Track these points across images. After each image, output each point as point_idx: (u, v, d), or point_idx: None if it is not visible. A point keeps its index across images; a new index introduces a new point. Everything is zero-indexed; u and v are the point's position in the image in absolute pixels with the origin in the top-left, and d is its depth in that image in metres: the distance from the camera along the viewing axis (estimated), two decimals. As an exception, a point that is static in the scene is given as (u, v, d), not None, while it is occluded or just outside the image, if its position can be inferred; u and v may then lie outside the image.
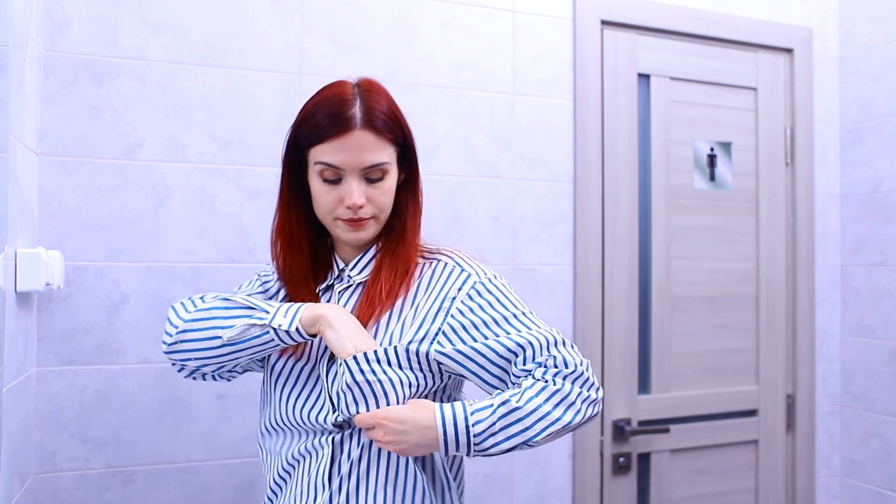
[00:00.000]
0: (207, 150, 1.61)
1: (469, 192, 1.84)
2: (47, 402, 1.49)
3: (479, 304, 1.04)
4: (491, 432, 0.95)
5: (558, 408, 0.97)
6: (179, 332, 1.08)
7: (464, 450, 0.96)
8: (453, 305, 1.04)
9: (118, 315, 1.54)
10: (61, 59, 1.51)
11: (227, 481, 1.61)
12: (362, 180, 1.04)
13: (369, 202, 1.04)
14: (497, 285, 1.07)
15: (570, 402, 0.98)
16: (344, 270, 1.12)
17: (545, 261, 1.91)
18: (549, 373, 0.99)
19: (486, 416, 0.96)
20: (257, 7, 1.66)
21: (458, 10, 1.84)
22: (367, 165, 1.02)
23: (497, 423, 0.96)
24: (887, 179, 2.14)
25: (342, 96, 1.03)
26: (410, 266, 1.08)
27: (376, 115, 1.02)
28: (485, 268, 1.10)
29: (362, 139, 1.01)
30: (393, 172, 1.06)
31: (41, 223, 1.50)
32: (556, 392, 0.98)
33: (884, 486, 2.13)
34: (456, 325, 1.03)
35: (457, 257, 1.11)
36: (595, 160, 1.96)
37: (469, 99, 1.84)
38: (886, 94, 2.15)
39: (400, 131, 1.06)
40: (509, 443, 0.95)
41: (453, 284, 1.06)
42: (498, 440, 0.95)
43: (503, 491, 1.85)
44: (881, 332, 2.15)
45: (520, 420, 0.95)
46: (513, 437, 0.95)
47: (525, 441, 0.95)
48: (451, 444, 0.96)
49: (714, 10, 2.11)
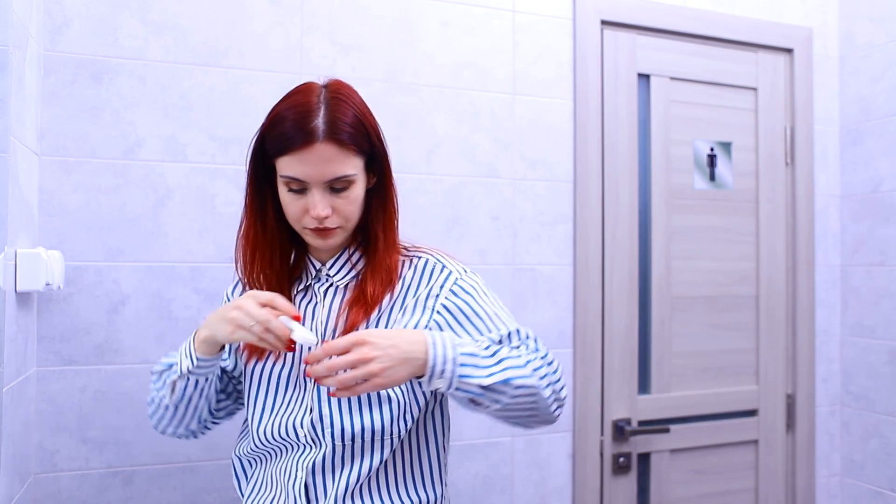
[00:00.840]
0: (207, 149, 1.61)
1: (469, 192, 1.84)
2: (47, 402, 1.49)
3: (464, 300, 1.07)
4: (475, 363, 0.94)
5: (537, 371, 1.00)
6: (150, 416, 1.15)
7: (448, 375, 0.93)
8: (437, 302, 1.07)
9: (118, 315, 1.54)
10: (61, 59, 1.51)
11: (228, 481, 1.61)
12: (327, 191, 1.02)
13: (335, 212, 1.03)
14: (473, 283, 1.10)
15: (547, 374, 1.01)
16: (321, 270, 1.12)
17: (545, 261, 1.91)
18: (533, 353, 1.04)
19: (475, 349, 0.96)
20: (257, 7, 1.66)
21: (458, 10, 1.84)
22: (330, 178, 1.01)
23: (482, 354, 0.96)
24: (887, 179, 2.14)
25: (306, 106, 1.00)
26: (393, 276, 1.09)
27: (340, 126, 0.99)
28: (462, 265, 1.14)
29: (325, 152, 0.99)
30: (360, 182, 1.05)
31: (41, 223, 1.50)
32: (541, 359, 1.02)
33: (884, 486, 2.13)
34: (442, 322, 1.06)
35: (437, 254, 1.13)
36: (595, 160, 1.96)
37: (469, 99, 1.84)
38: (886, 94, 2.15)
39: (366, 140, 1.03)
40: (491, 378, 0.94)
41: (436, 282, 1.09)
42: (481, 372, 0.94)
43: (503, 491, 1.85)
44: (881, 332, 2.15)
45: (503, 360, 0.97)
46: (495, 373, 0.94)
47: (504, 380, 0.94)
48: (439, 363, 0.92)
49: (714, 10, 2.11)
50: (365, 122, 1.03)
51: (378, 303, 1.07)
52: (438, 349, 0.93)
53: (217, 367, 1.07)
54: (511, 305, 1.87)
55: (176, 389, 1.07)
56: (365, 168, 1.06)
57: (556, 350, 1.91)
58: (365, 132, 1.03)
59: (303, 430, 1.05)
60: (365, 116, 1.04)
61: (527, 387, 0.97)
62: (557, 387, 1.03)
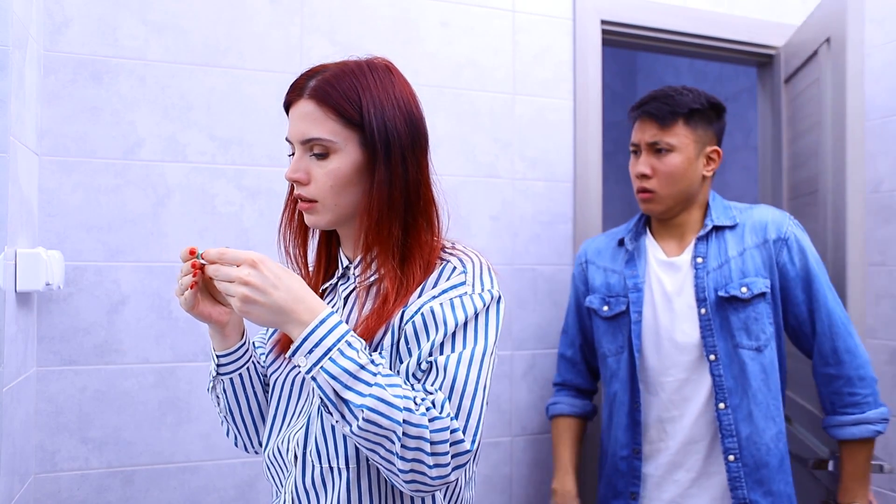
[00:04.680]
0: (207, 150, 1.61)
1: (469, 192, 1.84)
2: (47, 402, 1.49)
3: (450, 312, 0.92)
4: (348, 367, 0.83)
5: (408, 425, 0.83)
6: (227, 435, 1.15)
7: (313, 358, 0.84)
8: (430, 301, 0.93)
9: (118, 315, 1.54)
10: (61, 59, 1.51)
11: (227, 481, 1.61)
12: (306, 155, 0.97)
13: (313, 183, 0.96)
14: (474, 305, 0.93)
15: (420, 437, 0.83)
16: (349, 268, 1.04)
17: (545, 261, 1.91)
18: (435, 414, 0.85)
19: (364, 361, 0.85)
20: (257, 7, 1.66)
21: (458, 10, 1.84)
22: (305, 139, 0.95)
23: (368, 368, 0.84)
24: (887, 179, 2.14)
25: (320, 68, 0.99)
26: (411, 284, 0.96)
27: (326, 86, 0.95)
28: (491, 287, 0.96)
29: (304, 108, 0.95)
30: (343, 154, 0.95)
31: (41, 223, 1.50)
32: (430, 422, 0.84)
33: (884, 486, 2.13)
34: (418, 319, 0.93)
35: (472, 260, 0.99)
36: (595, 160, 1.96)
37: (469, 98, 1.84)
38: (886, 94, 2.15)
39: (357, 111, 0.94)
40: (350, 393, 0.82)
41: (442, 284, 0.96)
42: (348, 379, 0.83)
43: (503, 491, 1.85)
44: (881, 332, 2.15)
45: (382, 387, 0.83)
46: (361, 393, 0.82)
47: (361, 405, 0.82)
48: (311, 341, 0.84)
49: (714, 10, 2.11)
50: (364, 95, 0.95)
51: (393, 315, 0.95)
52: (322, 330, 0.84)
53: (243, 359, 1.03)
54: (511, 305, 1.87)
55: (220, 397, 1.06)
56: (361, 145, 0.96)
57: (555, 350, 1.91)
58: (357, 100, 0.94)
59: (293, 445, 0.98)
60: (373, 92, 0.95)
61: (379, 427, 0.82)
62: (426, 460, 0.83)
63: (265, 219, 1.65)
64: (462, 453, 0.86)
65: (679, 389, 1.51)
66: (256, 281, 0.84)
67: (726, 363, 1.48)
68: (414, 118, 0.99)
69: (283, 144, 1.67)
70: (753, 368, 1.47)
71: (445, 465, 0.85)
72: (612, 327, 1.60)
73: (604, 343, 1.62)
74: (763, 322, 1.48)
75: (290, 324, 0.86)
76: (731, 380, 1.48)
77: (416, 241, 0.98)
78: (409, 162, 0.98)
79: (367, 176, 0.97)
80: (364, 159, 0.96)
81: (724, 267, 1.50)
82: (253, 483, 1.63)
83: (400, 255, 0.97)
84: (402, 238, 0.98)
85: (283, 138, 1.67)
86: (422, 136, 1.00)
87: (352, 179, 0.96)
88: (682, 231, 1.58)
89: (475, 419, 0.88)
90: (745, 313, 1.47)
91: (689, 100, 1.51)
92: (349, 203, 0.98)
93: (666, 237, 1.60)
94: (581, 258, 1.72)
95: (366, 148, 0.96)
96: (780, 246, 1.50)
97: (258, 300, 0.84)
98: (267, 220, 1.65)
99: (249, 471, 1.63)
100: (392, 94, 0.97)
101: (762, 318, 1.48)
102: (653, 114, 1.53)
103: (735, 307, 1.48)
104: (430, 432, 0.84)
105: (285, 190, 1.66)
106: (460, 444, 0.86)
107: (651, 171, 1.53)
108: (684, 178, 1.52)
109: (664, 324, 1.53)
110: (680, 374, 1.51)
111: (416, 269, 0.97)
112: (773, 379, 1.48)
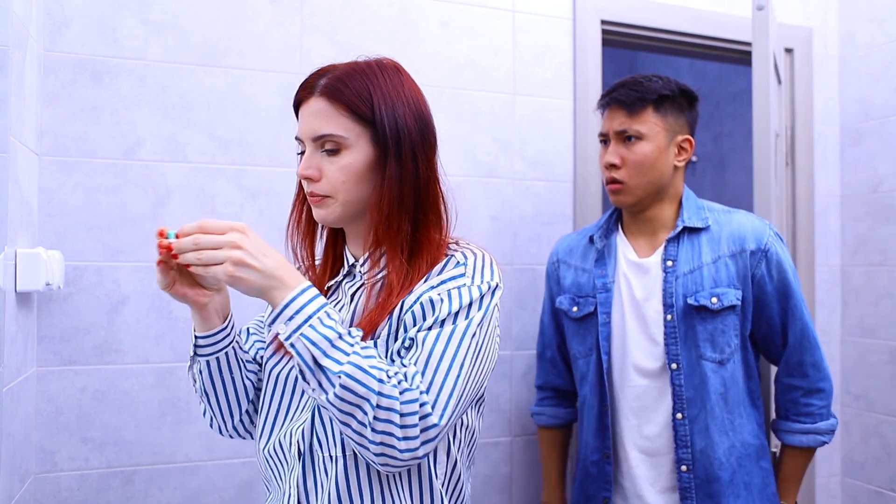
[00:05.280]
0: (207, 149, 1.61)
1: (469, 192, 1.84)
2: (47, 402, 1.49)
3: (447, 300, 0.93)
4: (327, 335, 0.85)
5: (382, 396, 0.84)
6: (203, 414, 1.13)
7: (293, 325, 0.85)
8: (428, 291, 0.95)
9: (118, 315, 1.54)
10: (61, 59, 1.51)
11: (227, 481, 1.61)
12: (317, 152, 0.98)
13: (325, 179, 0.97)
14: (472, 298, 0.94)
15: (391, 409, 0.84)
16: (355, 266, 1.05)
17: (545, 261, 1.91)
18: (403, 386, 0.86)
19: (342, 330, 0.87)
20: (257, 7, 1.66)
21: (458, 10, 1.84)
22: (317, 135, 0.97)
23: (347, 339, 0.86)
24: (887, 179, 2.14)
25: (329, 67, 1.01)
26: (415, 279, 0.97)
27: (338, 84, 0.96)
28: (490, 281, 0.97)
29: (316, 106, 0.97)
30: (355, 149, 0.97)
31: (41, 223, 1.50)
32: (401, 394, 0.85)
33: (884, 486, 2.13)
34: (414, 303, 0.95)
35: (475, 254, 1.00)
36: (595, 160, 1.96)
37: (469, 99, 1.84)
38: (886, 94, 2.15)
39: (368, 108, 0.96)
40: (328, 360, 0.84)
41: (442, 275, 0.97)
42: (327, 346, 0.84)
43: (503, 491, 1.85)
44: (881, 332, 2.15)
45: (359, 356, 0.85)
46: (339, 361, 0.84)
47: (339, 372, 0.83)
48: (292, 308, 0.85)
49: (714, 10, 2.11)
50: (376, 93, 0.97)
51: (395, 305, 0.96)
52: (304, 297, 0.86)
53: (222, 343, 1.01)
54: (511, 305, 1.87)
55: (196, 378, 1.04)
56: (372, 141, 0.97)
57: (556, 350, 1.91)
58: (369, 100, 0.96)
59: (296, 439, 0.98)
60: (384, 90, 0.97)
61: (354, 394, 0.83)
62: (396, 433, 0.84)
63: (265, 219, 1.65)
64: (430, 427, 0.86)
65: (640, 397, 1.48)
66: (248, 245, 0.85)
67: (688, 373, 1.44)
68: (423, 116, 1.01)
69: (283, 144, 1.67)
70: (714, 381, 1.43)
71: (414, 438, 0.85)
72: (582, 329, 1.56)
73: (574, 345, 1.59)
74: (729, 335, 1.44)
75: (278, 289, 0.86)
76: (691, 390, 1.44)
77: (424, 237, 1.00)
78: (420, 158, 0.99)
79: (377, 172, 0.98)
80: (375, 155, 0.98)
81: (695, 273, 1.45)
82: (253, 483, 1.63)
83: (409, 251, 0.98)
84: (411, 234, 0.99)
85: (283, 138, 1.67)
86: (431, 134, 1.02)
87: (363, 175, 0.98)
88: (653, 227, 1.52)
89: (447, 394, 0.88)
90: (713, 325, 1.43)
91: (658, 86, 1.46)
92: (360, 199, 0.99)
93: (637, 234, 1.54)
94: (553, 256, 1.68)
95: (377, 144, 0.98)
96: (758, 258, 1.45)
97: (252, 264, 0.84)
98: (267, 220, 1.65)
99: (249, 471, 1.63)
100: (402, 92, 0.99)
101: (729, 330, 1.44)
102: (621, 101, 1.47)
103: (703, 317, 1.43)
104: (401, 404, 0.84)
105: (285, 190, 1.66)
106: (428, 418, 0.86)
107: (620, 161, 1.47)
108: (654, 167, 1.46)
109: (631, 327, 1.49)
110: (642, 380, 1.48)
111: (422, 264, 0.98)
112: (732, 393, 1.44)
